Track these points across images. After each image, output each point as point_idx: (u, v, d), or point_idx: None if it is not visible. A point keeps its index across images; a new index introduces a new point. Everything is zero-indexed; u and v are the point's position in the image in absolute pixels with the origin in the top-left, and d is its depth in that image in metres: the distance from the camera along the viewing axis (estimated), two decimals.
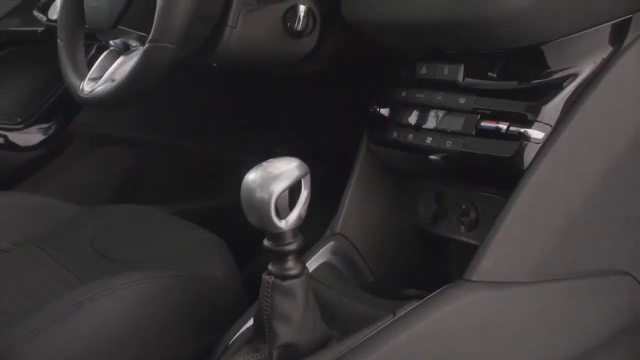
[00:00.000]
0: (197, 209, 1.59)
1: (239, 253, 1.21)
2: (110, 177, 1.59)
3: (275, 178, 0.79)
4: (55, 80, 1.38)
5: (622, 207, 0.90)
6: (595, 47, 0.87)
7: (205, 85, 1.50)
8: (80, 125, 1.52)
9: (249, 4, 1.08)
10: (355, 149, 1.12)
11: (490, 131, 0.89)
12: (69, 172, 1.55)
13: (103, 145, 1.58)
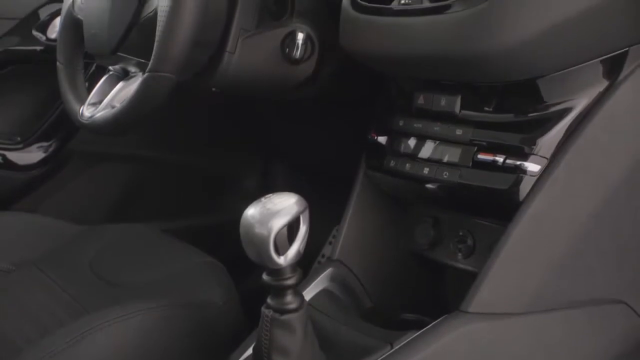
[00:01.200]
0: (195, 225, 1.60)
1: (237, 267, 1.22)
2: (108, 194, 1.59)
3: (275, 214, 0.79)
4: (54, 99, 1.39)
5: (617, 237, 0.91)
6: (591, 80, 0.88)
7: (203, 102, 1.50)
8: (77, 143, 1.52)
9: (247, 29, 1.09)
10: (350, 163, 1.13)
11: (487, 163, 0.90)
12: (67, 189, 1.55)
13: (100, 162, 1.58)
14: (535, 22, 0.82)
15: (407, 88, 1.01)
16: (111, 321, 0.92)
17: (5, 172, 1.49)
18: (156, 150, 1.59)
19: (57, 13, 1.49)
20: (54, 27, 1.49)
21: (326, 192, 1.66)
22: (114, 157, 1.58)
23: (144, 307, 0.94)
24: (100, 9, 1.09)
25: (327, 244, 1.68)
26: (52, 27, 1.49)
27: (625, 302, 0.93)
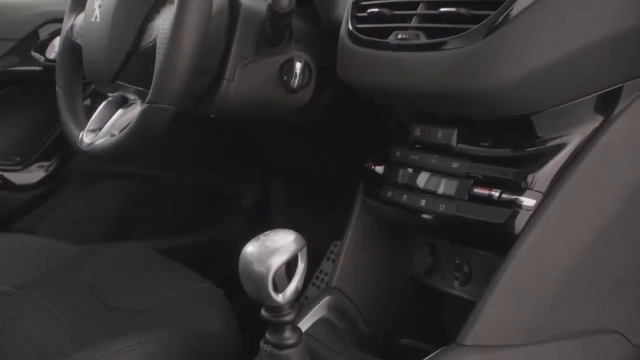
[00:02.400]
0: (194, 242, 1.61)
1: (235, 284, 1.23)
2: (107, 212, 1.60)
3: (273, 252, 0.80)
4: (53, 119, 1.39)
5: (611, 269, 0.92)
6: (586, 115, 0.89)
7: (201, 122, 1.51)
8: (76, 163, 1.53)
9: (245, 57, 1.10)
10: (347, 180, 1.14)
11: (483, 197, 0.90)
12: (66, 208, 1.56)
13: (99, 180, 1.59)
14: (531, 60, 0.83)
15: (404, 119, 1.02)
16: (113, 354, 0.93)
17: (4, 193, 1.49)
18: (154, 168, 1.60)
19: (56, 33, 1.49)
20: (53, 48, 1.49)
21: (324, 208, 1.68)
22: (113, 176, 1.59)
23: (144, 339, 0.95)
24: (99, 37, 1.10)
25: (325, 260, 1.69)
26: (51, 47, 1.50)
27: (620, 331, 0.94)
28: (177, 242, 1.59)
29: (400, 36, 0.92)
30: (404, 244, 1.09)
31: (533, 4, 0.82)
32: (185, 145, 1.57)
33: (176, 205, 1.65)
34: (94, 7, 1.10)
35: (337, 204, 1.26)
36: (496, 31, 0.83)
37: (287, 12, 1.04)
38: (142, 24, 1.05)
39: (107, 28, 1.07)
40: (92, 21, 1.11)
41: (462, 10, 0.86)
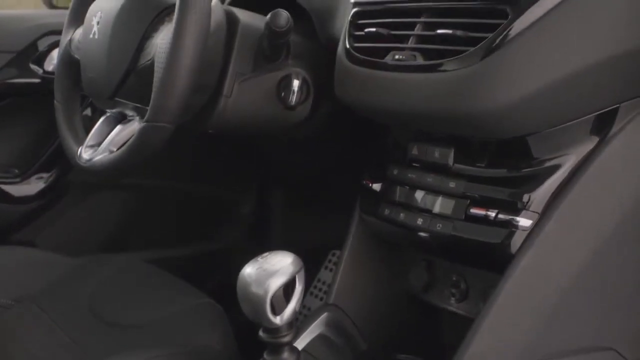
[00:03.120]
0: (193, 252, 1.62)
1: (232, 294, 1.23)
2: (106, 223, 1.60)
3: (271, 275, 0.81)
4: (52, 131, 1.39)
5: (606, 287, 0.92)
6: (582, 136, 0.89)
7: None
8: (74, 174, 1.53)
9: (243, 73, 1.10)
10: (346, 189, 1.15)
11: (479, 217, 0.91)
12: (64, 219, 1.56)
13: (97, 191, 1.59)
14: (528, 83, 0.84)
15: (402, 137, 1.03)
16: None
17: (2, 205, 1.49)
18: (153, 178, 1.60)
19: (54, 45, 1.50)
20: (52, 60, 1.50)
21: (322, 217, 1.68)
22: (111, 187, 1.59)
23: (143, 357, 0.96)
24: (98, 54, 1.10)
25: (323, 269, 1.70)
26: (50, 59, 1.50)
27: (615, 349, 0.94)
28: (175, 253, 1.59)
29: (398, 57, 0.92)
30: (401, 260, 1.10)
31: (530, 27, 0.82)
32: (183, 156, 1.58)
33: (174, 215, 1.65)
34: (93, 24, 1.11)
35: (336, 213, 1.26)
36: (493, 54, 0.83)
37: (285, 31, 1.05)
38: (141, 41, 1.05)
39: (106, 45, 1.08)
40: (90, 37, 1.11)
41: (459, 32, 0.87)
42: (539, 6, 0.82)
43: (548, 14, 0.82)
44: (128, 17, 1.07)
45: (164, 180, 1.61)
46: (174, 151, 1.53)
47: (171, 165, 1.59)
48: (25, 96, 1.53)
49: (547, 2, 0.82)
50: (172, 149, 1.45)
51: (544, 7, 0.82)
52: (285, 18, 1.04)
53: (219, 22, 1.08)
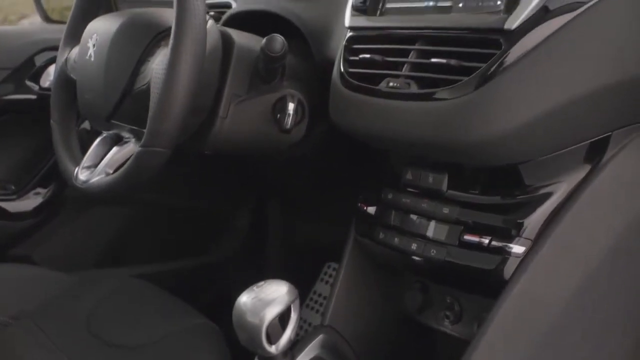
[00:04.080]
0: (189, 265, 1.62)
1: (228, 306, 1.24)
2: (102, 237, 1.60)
3: (267, 304, 0.82)
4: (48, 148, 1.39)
5: (599, 313, 0.93)
6: (574, 164, 0.90)
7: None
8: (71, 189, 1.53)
9: (239, 95, 1.11)
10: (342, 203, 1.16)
11: (473, 244, 0.92)
12: (61, 234, 1.56)
13: (93, 206, 1.60)
14: (520, 113, 0.84)
15: (396, 162, 1.03)
16: None
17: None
18: (149, 192, 1.60)
19: (51, 61, 1.50)
20: (48, 76, 1.50)
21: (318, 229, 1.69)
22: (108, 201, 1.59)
23: None
24: (94, 76, 1.10)
25: (319, 281, 1.71)
26: (46, 75, 1.50)
27: None
28: (172, 266, 1.60)
29: (392, 84, 0.93)
30: (395, 281, 1.11)
31: (523, 57, 0.83)
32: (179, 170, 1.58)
33: (171, 229, 1.66)
34: (88, 46, 1.11)
35: (331, 225, 1.27)
36: (486, 84, 0.84)
37: (280, 56, 1.05)
38: (136, 65, 1.05)
39: (102, 68, 1.08)
40: (86, 59, 1.11)
41: (453, 61, 0.87)
42: (531, 37, 0.83)
43: (540, 45, 0.83)
44: (124, 40, 1.07)
45: (160, 194, 1.61)
46: (170, 166, 1.54)
47: (167, 179, 1.59)
48: (21, 112, 1.53)
49: (540, 34, 0.83)
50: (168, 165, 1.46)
51: (537, 38, 0.83)
52: (281, 43, 1.05)
53: (214, 44, 1.09)
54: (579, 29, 0.84)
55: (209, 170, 1.64)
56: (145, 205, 1.63)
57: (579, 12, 0.84)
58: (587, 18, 0.84)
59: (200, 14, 0.97)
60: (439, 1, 0.93)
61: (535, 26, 0.83)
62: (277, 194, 1.71)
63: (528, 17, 0.83)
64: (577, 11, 0.84)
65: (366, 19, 1.00)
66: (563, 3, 0.84)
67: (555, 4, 0.84)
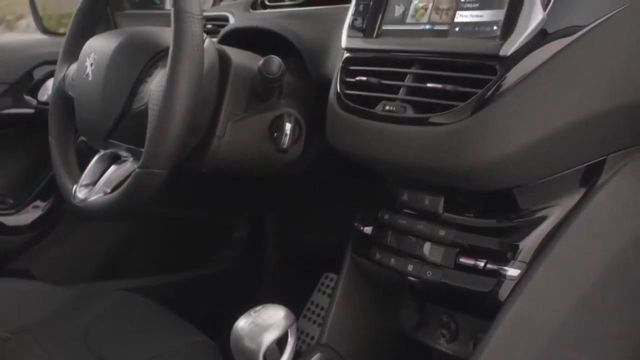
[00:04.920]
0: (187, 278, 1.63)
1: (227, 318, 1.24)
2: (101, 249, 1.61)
3: (265, 329, 0.83)
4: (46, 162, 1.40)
5: (593, 334, 0.94)
6: (570, 187, 0.91)
7: None
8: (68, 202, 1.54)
9: (236, 113, 1.11)
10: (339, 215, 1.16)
11: (468, 266, 0.93)
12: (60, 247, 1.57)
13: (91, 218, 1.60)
14: (516, 139, 0.85)
15: (392, 183, 1.04)
16: None
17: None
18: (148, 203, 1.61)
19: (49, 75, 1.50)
20: (46, 90, 1.51)
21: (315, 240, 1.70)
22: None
23: None
24: (92, 96, 1.10)
25: (316, 291, 1.72)
26: (44, 89, 1.51)
27: None
28: (170, 279, 1.60)
29: (388, 107, 0.93)
30: (392, 299, 1.11)
31: (518, 83, 0.83)
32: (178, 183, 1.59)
33: (170, 240, 1.66)
34: (86, 65, 1.11)
35: (329, 235, 1.27)
36: (482, 110, 0.84)
37: (277, 77, 1.06)
38: (134, 85, 1.06)
39: (100, 88, 1.08)
40: (84, 78, 1.12)
41: (449, 86, 0.88)
42: (527, 62, 0.83)
43: (537, 71, 0.83)
44: (121, 60, 1.07)
45: (158, 207, 1.62)
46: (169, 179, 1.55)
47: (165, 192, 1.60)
48: (19, 126, 1.53)
49: (536, 59, 0.84)
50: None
51: (533, 64, 0.83)
52: (278, 64, 1.06)
53: (212, 64, 1.09)
54: (577, 54, 0.85)
55: (207, 182, 1.65)
56: (144, 217, 1.63)
57: (576, 36, 0.84)
58: (585, 42, 0.85)
59: (198, 36, 0.98)
60: (436, 25, 0.93)
61: (532, 51, 0.84)
62: (275, 206, 1.72)
63: (524, 43, 0.83)
64: (575, 35, 0.84)
65: (362, 41, 1.00)
66: (561, 26, 0.84)
67: (554, 27, 0.84)
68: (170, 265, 1.63)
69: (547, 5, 0.84)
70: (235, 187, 1.66)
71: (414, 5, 0.96)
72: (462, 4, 0.91)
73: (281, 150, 1.11)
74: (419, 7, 0.96)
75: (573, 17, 0.85)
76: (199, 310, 1.61)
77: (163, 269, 1.61)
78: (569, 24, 0.85)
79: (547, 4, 0.84)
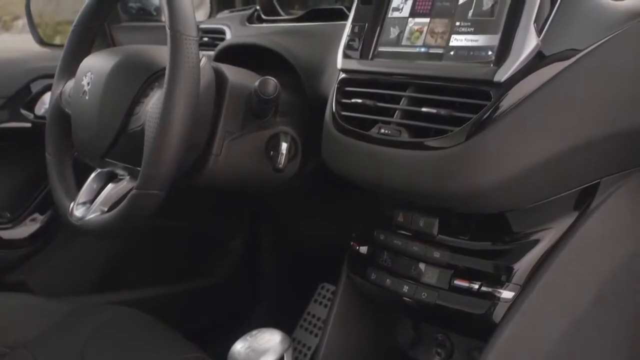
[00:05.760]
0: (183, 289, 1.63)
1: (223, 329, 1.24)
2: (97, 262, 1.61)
3: (261, 354, 0.83)
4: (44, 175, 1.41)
5: (588, 355, 0.95)
6: (563, 210, 0.92)
7: None
8: None
9: (232, 132, 1.12)
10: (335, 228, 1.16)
11: (463, 289, 0.93)
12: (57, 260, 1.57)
13: None
14: (511, 164, 0.85)
15: (388, 204, 1.04)
16: None
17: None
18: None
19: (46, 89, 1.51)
20: (43, 104, 1.51)
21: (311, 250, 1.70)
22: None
23: None
24: (88, 115, 1.11)
25: (313, 302, 1.72)
26: (41, 103, 1.51)
27: None
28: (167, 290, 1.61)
29: (383, 130, 0.94)
30: (387, 317, 1.12)
31: (512, 109, 0.84)
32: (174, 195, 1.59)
33: (166, 252, 1.67)
34: (83, 84, 1.12)
35: (325, 245, 1.28)
36: (477, 135, 0.85)
37: (273, 98, 1.06)
38: (130, 106, 1.06)
39: (96, 108, 1.09)
40: (80, 97, 1.12)
41: (443, 111, 0.88)
42: (521, 88, 0.84)
43: (532, 96, 0.84)
44: (118, 80, 1.08)
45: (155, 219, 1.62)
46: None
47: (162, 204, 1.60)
48: (16, 140, 1.54)
49: (531, 84, 0.84)
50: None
51: (526, 90, 0.84)
52: (274, 86, 1.06)
53: (208, 83, 1.09)
54: (572, 79, 0.85)
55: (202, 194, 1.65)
56: (140, 230, 1.63)
57: (571, 61, 0.85)
58: (579, 68, 0.85)
59: (194, 58, 0.98)
60: (431, 48, 0.94)
61: (526, 76, 0.84)
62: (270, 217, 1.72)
63: (519, 69, 0.84)
64: (570, 60, 0.85)
65: (358, 62, 1.00)
66: (556, 52, 0.85)
67: (549, 52, 0.84)
68: (167, 277, 1.64)
69: (542, 31, 0.84)
70: (231, 199, 1.67)
71: (410, 28, 0.97)
72: (457, 28, 0.91)
73: (277, 170, 1.12)
74: (414, 30, 0.96)
75: (567, 42, 0.86)
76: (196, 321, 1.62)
77: (160, 280, 1.62)
78: (563, 49, 0.85)
79: (542, 29, 0.85)
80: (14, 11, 7.34)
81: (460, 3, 0.92)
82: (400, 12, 0.98)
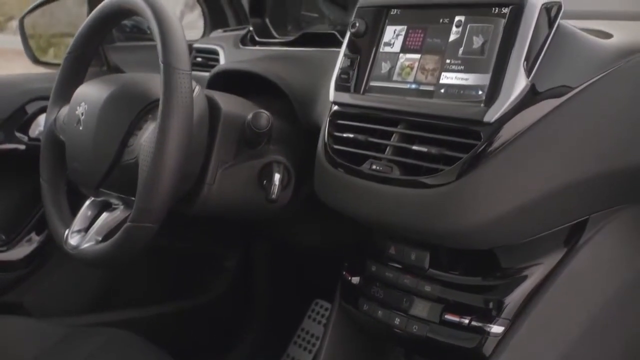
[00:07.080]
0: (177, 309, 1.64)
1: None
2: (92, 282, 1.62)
3: None
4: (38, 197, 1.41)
5: None
6: (552, 246, 0.93)
7: None
8: None
9: (225, 161, 1.12)
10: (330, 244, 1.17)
11: (454, 323, 0.94)
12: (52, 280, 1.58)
13: None
14: (501, 204, 0.86)
15: (380, 236, 1.05)
16: None
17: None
18: None
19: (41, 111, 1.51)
20: (37, 126, 1.51)
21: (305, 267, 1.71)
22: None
23: None
24: (82, 144, 1.11)
25: (307, 318, 1.73)
26: (35, 125, 1.52)
27: None
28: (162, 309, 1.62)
29: (374, 167, 0.94)
30: (380, 345, 1.13)
31: (503, 149, 0.85)
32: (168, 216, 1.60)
33: (161, 271, 1.67)
34: (77, 114, 1.12)
35: (320, 262, 1.28)
36: (467, 174, 0.85)
37: (266, 132, 1.07)
38: (124, 137, 1.07)
39: (90, 139, 1.09)
40: (74, 127, 1.12)
41: (434, 150, 0.89)
42: (511, 128, 0.85)
43: (521, 136, 0.85)
44: (112, 112, 1.08)
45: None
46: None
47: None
48: (11, 162, 1.54)
49: (520, 125, 0.85)
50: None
51: (516, 129, 0.85)
52: (266, 119, 1.07)
53: (201, 112, 1.10)
54: (562, 119, 0.86)
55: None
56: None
57: (561, 100, 0.86)
58: (570, 107, 0.86)
59: (187, 92, 0.99)
60: (421, 84, 0.94)
61: (516, 114, 0.85)
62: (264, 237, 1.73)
63: (509, 109, 0.84)
64: (560, 100, 0.86)
65: (350, 96, 1.01)
66: (546, 91, 0.85)
67: (538, 91, 0.85)
68: (162, 296, 1.64)
69: (531, 71, 0.85)
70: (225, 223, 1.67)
71: (401, 64, 0.97)
72: (448, 66, 0.92)
73: (270, 201, 1.13)
74: (405, 66, 0.97)
75: (558, 80, 0.86)
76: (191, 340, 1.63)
77: (154, 300, 1.62)
78: (553, 87, 0.86)
79: (532, 68, 0.85)
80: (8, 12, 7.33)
81: (450, 40, 0.92)
82: (392, 47, 0.99)
